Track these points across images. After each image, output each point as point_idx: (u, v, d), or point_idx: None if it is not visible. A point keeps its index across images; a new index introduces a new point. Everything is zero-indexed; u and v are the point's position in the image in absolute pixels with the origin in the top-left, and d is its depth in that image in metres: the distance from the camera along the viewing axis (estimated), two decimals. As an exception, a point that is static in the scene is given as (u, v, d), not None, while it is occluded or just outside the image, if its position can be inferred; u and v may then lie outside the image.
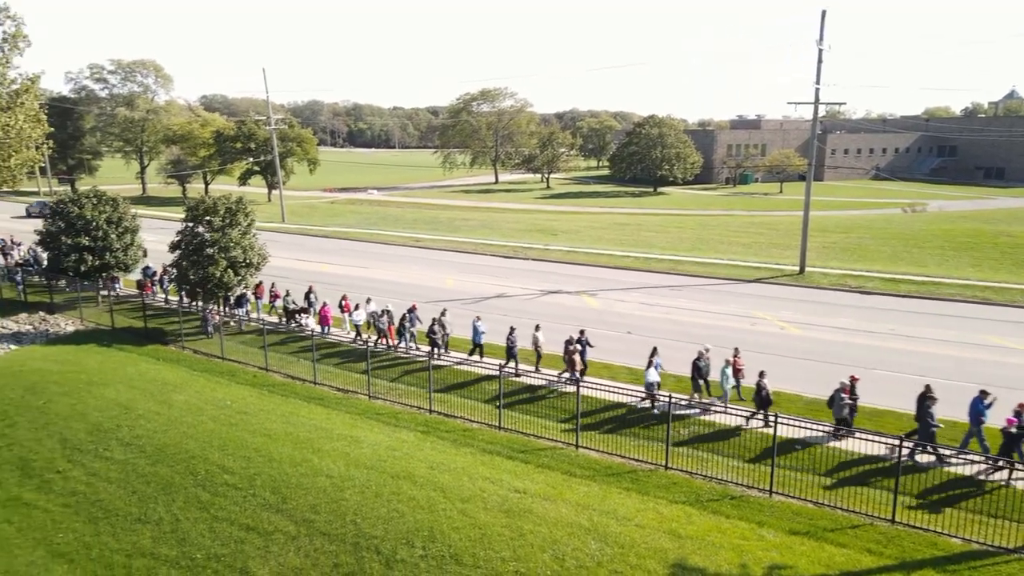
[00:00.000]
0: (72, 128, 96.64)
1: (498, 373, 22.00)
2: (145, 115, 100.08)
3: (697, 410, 21.34)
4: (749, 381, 21.68)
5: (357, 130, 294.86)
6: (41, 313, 34.20)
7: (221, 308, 32.22)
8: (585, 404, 21.16)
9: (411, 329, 27.55)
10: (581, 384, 20.63)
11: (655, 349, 22.37)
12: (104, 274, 34.78)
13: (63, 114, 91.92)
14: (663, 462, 18.37)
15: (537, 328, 25.12)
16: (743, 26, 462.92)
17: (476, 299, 36.23)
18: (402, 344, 27.66)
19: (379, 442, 19.58)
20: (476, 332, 26.01)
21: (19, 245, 46.35)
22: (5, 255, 44.32)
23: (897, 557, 14.19)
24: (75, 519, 16.73)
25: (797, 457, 18.45)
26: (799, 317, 32.38)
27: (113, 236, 33.40)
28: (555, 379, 24.08)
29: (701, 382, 21.97)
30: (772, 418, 17.65)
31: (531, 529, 15.03)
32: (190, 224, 30.40)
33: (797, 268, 42.19)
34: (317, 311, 30.11)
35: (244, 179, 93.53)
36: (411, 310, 27.94)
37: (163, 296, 36.33)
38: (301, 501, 16.43)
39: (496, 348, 26.00)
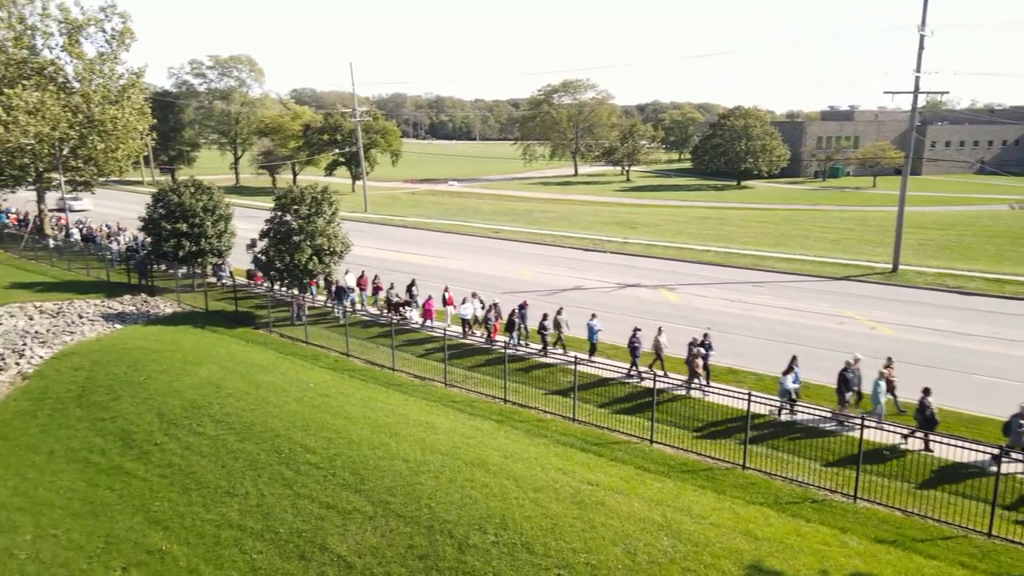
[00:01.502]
0: (173, 121, 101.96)
1: (625, 377, 21.70)
2: (240, 108, 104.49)
3: (834, 424, 19.46)
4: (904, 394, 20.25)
5: (439, 122, 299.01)
6: (143, 295, 36.28)
7: (316, 297, 33.36)
8: (706, 411, 20.85)
9: (521, 325, 26.75)
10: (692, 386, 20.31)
11: (795, 357, 20.91)
12: (208, 261, 36.52)
13: (165, 107, 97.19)
14: (740, 461, 17.93)
15: (660, 331, 23.80)
16: (837, 12, 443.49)
17: (553, 291, 36.21)
18: (511, 341, 26.44)
19: (454, 429, 19.89)
20: (591, 331, 24.92)
21: (124, 231, 49.24)
22: (111, 240, 47.18)
23: (992, 572, 13.41)
24: (170, 489, 17.72)
25: (886, 463, 17.65)
26: (891, 317, 30.91)
27: (208, 223, 35.05)
28: (679, 384, 22.62)
29: (849, 395, 19.94)
30: (927, 438, 17.36)
31: (603, 522, 14.96)
32: (278, 213, 31.56)
33: (890, 266, 40.24)
34: (421, 304, 30.05)
35: (330, 170, 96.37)
36: (522, 306, 27.11)
37: (268, 285, 36.46)
38: (378, 483, 16.88)
39: (607, 347, 26.05)
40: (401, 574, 14.08)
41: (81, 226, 52.52)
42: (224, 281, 37.61)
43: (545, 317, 25.63)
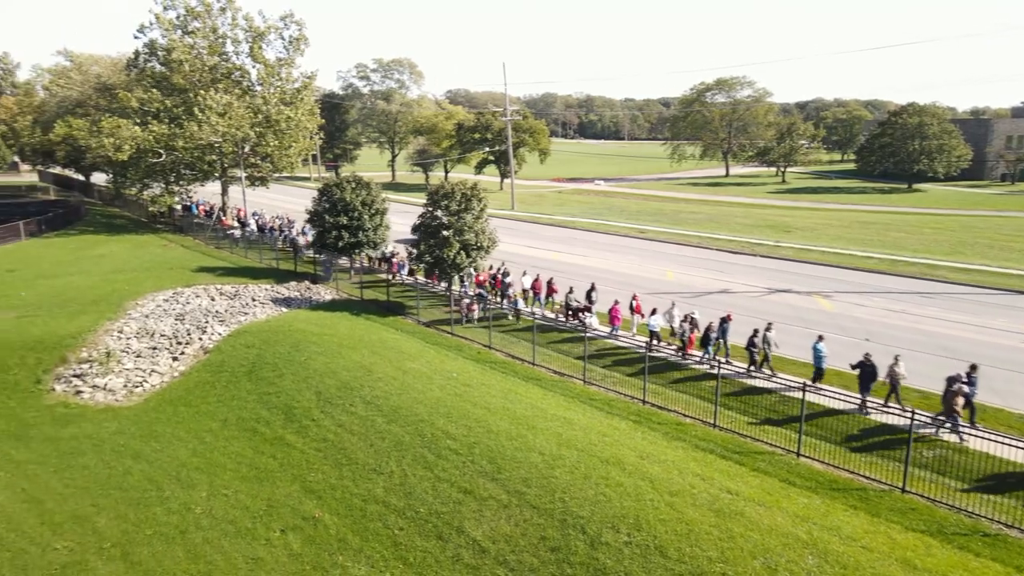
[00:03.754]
0: (339, 121, 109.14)
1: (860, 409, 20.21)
2: (399, 108, 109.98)
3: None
4: None
5: (587, 122, 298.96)
6: (307, 282, 39.16)
7: (467, 290, 34.55)
8: (858, 426, 19.72)
9: (719, 340, 25.10)
10: (808, 389, 19.23)
11: (974, 367, 19.47)
12: (364, 252, 38.82)
13: (332, 108, 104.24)
14: (899, 484, 16.62)
15: (897, 360, 21.01)
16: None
17: (697, 293, 35.24)
18: (706, 356, 25.14)
19: (591, 426, 19.90)
20: (817, 355, 22.54)
21: (293, 223, 53.31)
22: (282, 232, 51.26)
23: None
24: (324, 462, 19.04)
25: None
26: (1089, 338, 27.40)
27: (366, 217, 37.18)
28: (931, 421, 19.57)
29: None
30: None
31: (741, 533, 14.42)
32: (430, 208, 32.93)
33: (1091, 281, 35.65)
34: (606, 311, 28.70)
35: (480, 168, 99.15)
36: (724, 320, 25.34)
37: (443, 286, 36.39)
38: (514, 473, 17.23)
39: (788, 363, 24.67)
40: (533, 564, 14.31)
41: (256, 217, 57.40)
42: (403, 279, 38.79)
43: (755, 333, 23.89)
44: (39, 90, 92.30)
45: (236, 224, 55.04)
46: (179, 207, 60.64)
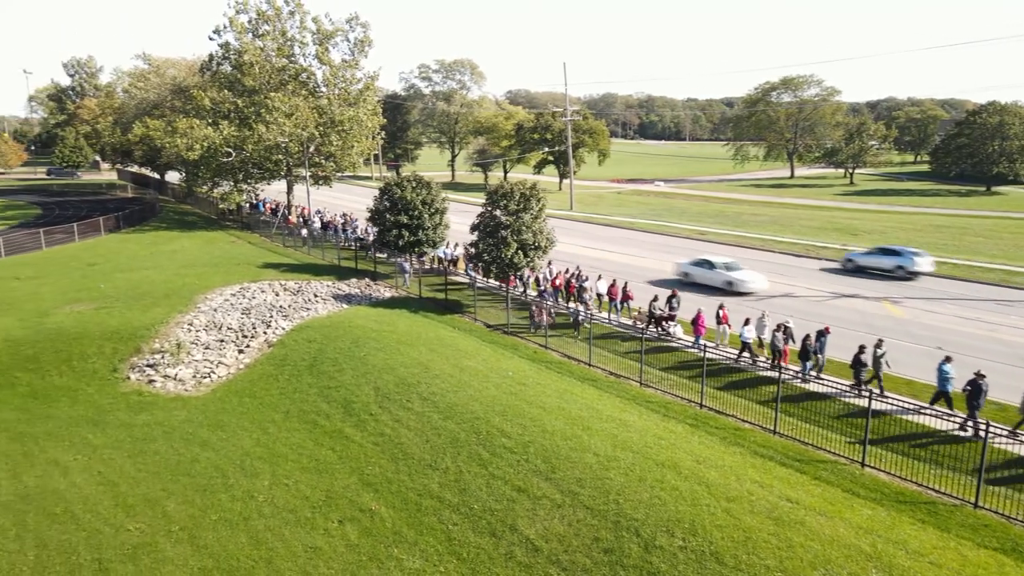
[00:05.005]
0: (400, 121, 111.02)
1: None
2: (459, 109, 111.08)
3: None
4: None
5: (648, 122, 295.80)
6: (367, 280, 39.93)
7: (528, 292, 34.65)
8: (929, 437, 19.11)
9: (818, 355, 23.42)
10: (878, 399, 18.59)
11: None
12: (415, 250, 39.42)
13: (394, 109, 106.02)
14: (971, 499, 15.93)
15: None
16: None
17: (758, 297, 34.46)
18: (804, 370, 23.38)
19: (647, 429, 19.71)
20: (942, 376, 20.47)
21: (355, 222, 54.42)
22: (346, 231, 52.37)
23: None
24: (381, 456, 19.39)
25: None
26: None
27: (426, 215, 37.68)
28: (1008, 434, 18.43)
29: None
30: None
31: (801, 542, 14.06)
32: (488, 208, 33.14)
33: None
34: (691, 319, 27.18)
35: (539, 168, 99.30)
36: (822, 333, 23.72)
37: (521, 290, 35.81)
38: (568, 473, 17.20)
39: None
40: (585, 565, 14.27)
41: (320, 215, 58.81)
42: (477, 284, 37.18)
43: (862, 349, 21.89)
44: (119, 92, 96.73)
45: (300, 222, 56.52)
46: (247, 205, 62.64)
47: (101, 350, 28.12)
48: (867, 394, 18.67)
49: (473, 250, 33.76)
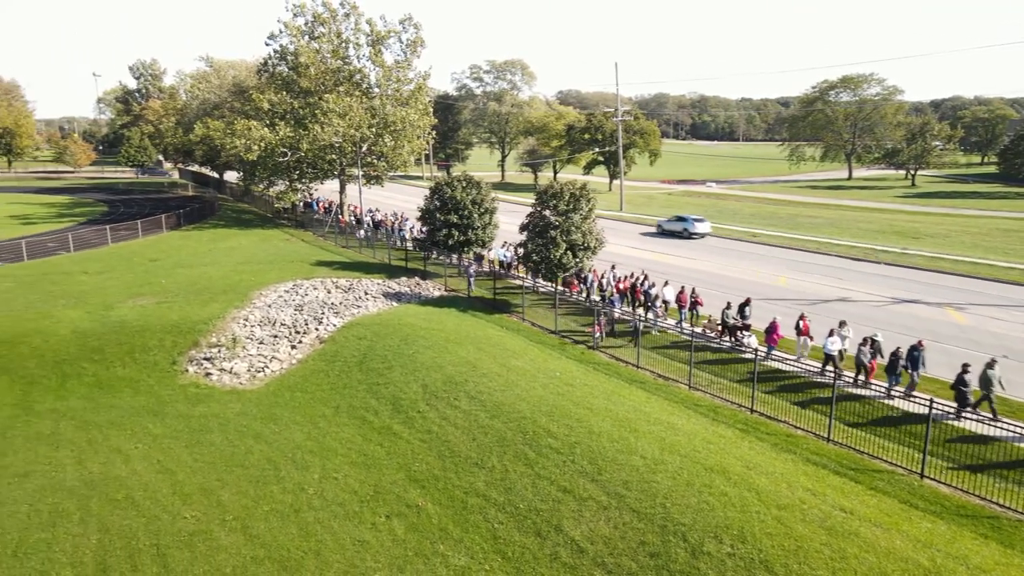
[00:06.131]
0: (451, 122, 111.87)
1: None
2: (510, 109, 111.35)
3: None
4: None
5: (700, 122, 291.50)
6: (416, 278, 40.37)
7: (593, 297, 34.56)
8: (996, 451, 18.43)
9: (911, 372, 21.82)
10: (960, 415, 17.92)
11: None
12: (467, 250, 39.69)
13: (445, 109, 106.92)
14: (1037, 514, 15.27)
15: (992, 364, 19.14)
16: None
17: (812, 301, 33.66)
18: (891, 385, 21.95)
19: (695, 433, 19.45)
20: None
21: (407, 220, 55.06)
22: (400, 231, 53.02)
23: None
24: (428, 453, 19.58)
25: None
26: None
27: (476, 215, 37.89)
28: None
29: None
30: None
31: (856, 554, 13.67)
32: (538, 208, 33.14)
33: None
34: (765, 328, 25.87)
35: (589, 168, 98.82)
36: (916, 347, 21.90)
37: (584, 296, 34.80)
38: (614, 475, 17.09)
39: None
40: (631, 568, 14.16)
41: (371, 215, 59.69)
42: (536, 289, 36.92)
43: (966, 369, 20.09)
44: (182, 94, 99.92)
45: (352, 221, 57.45)
46: (300, 204, 63.97)
47: (161, 343, 29.10)
48: (926, 402, 18.02)
49: (522, 250, 33.81)
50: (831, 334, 23.80)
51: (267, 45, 56.87)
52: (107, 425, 22.73)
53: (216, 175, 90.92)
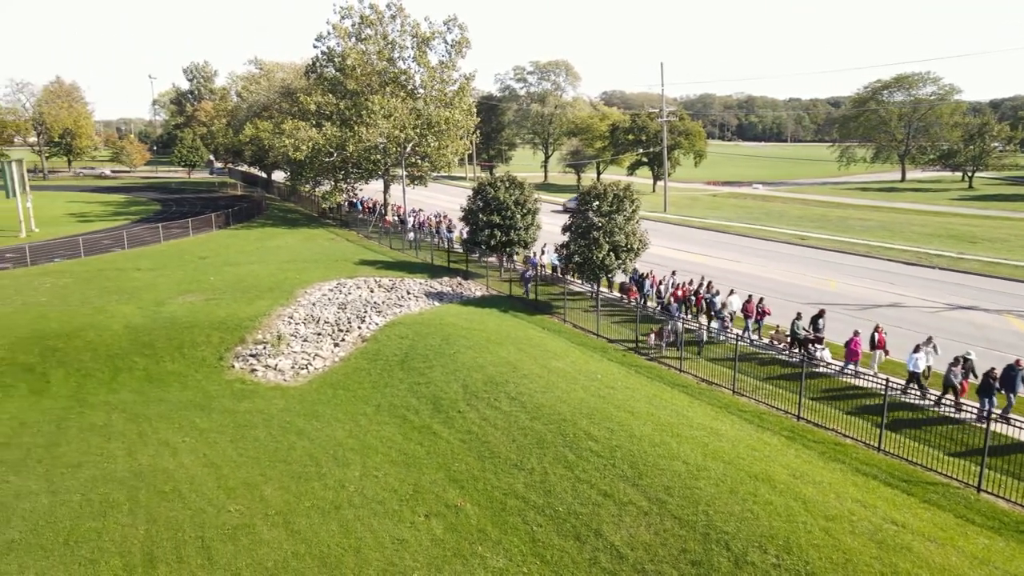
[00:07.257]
0: (495, 123, 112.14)
1: None
2: (553, 110, 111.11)
3: None
4: None
5: (747, 123, 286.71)
6: (458, 278, 40.49)
7: (647, 304, 34.18)
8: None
9: (1009, 395, 20.30)
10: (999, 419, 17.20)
11: None
12: (510, 250, 39.67)
13: (489, 110, 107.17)
14: (1104, 533, 14.51)
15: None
16: None
17: (863, 306, 32.75)
18: (987, 408, 19.51)
19: (739, 439, 19.03)
20: None
21: (450, 221, 55.28)
22: (449, 231, 53.28)
23: None
24: (468, 454, 19.56)
25: None
26: None
27: (518, 216, 37.82)
28: None
29: None
30: None
31: (908, 569, 13.18)
32: (581, 208, 32.90)
33: None
34: (844, 342, 24.36)
35: (632, 169, 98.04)
36: (1014, 367, 20.15)
37: (641, 302, 33.04)
38: (656, 480, 16.82)
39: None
40: (672, 576, 13.89)
41: (415, 215, 60.13)
42: (592, 294, 35.36)
43: None
44: (232, 95, 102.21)
45: (396, 221, 57.94)
46: (345, 203, 64.79)
47: (209, 339, 29.73)
48: (983, 412, 17.30)
49: (564, 251, 33.63)
50: (916, 350, 22.19)
51: (315, 47, 57.87)
52: (156, 418, 23.29)
53: (264, 175, 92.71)
